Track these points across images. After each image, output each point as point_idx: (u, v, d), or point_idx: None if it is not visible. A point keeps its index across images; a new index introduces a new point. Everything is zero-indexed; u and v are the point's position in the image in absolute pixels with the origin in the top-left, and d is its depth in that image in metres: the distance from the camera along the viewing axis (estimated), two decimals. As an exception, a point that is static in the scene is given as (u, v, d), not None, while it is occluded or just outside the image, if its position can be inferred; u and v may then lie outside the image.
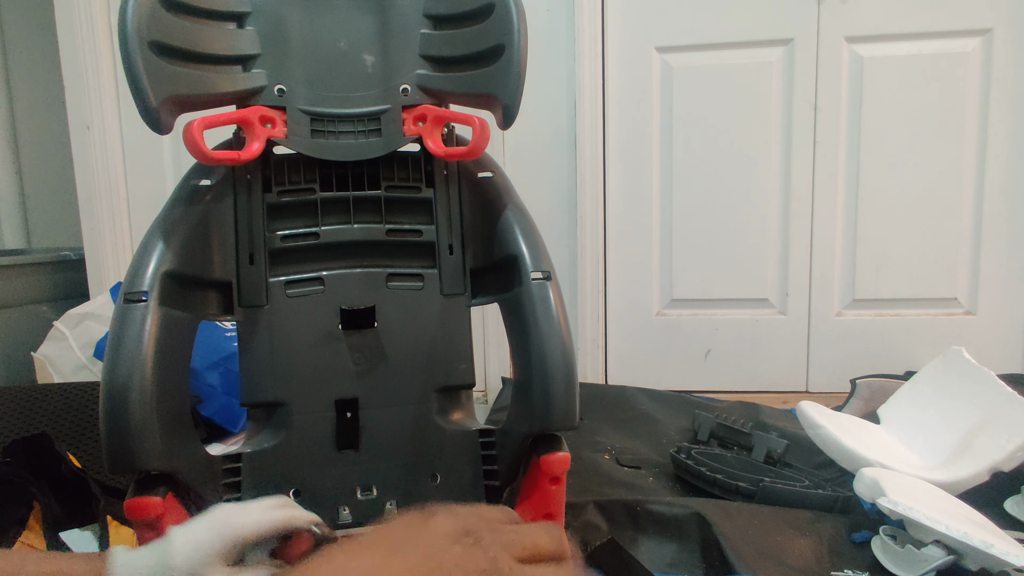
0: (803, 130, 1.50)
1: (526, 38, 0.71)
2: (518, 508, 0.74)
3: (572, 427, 0.70)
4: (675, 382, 1.59)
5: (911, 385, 1.14)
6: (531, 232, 0.75)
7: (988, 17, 1.43)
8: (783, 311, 1.56)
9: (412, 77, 0.76)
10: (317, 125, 0.75)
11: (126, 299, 0.63)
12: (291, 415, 0.75)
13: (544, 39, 1.51)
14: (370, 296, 0.78)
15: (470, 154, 0.74)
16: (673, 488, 1.02)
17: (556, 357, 0.69)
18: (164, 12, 0.66)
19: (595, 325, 1.59)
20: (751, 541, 0.81)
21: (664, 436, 1.23)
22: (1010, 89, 1.43)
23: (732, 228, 1.55)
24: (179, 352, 0.67)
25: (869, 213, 1.50)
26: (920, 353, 1.47)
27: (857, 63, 1.47)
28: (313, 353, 0.76)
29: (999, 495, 0.93)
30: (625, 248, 1.59)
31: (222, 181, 0.74)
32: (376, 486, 0.76)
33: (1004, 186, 1.46)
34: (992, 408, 0.98)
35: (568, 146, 1.54)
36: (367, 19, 0.76)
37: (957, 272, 1.49)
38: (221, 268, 0.74)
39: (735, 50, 1.51)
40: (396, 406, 0.77)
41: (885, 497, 0.78)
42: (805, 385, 1.57)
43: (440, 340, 0.79)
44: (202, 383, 1.15)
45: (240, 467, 0.72)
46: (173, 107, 0.67)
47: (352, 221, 0.78)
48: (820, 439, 0.99)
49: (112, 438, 0.60)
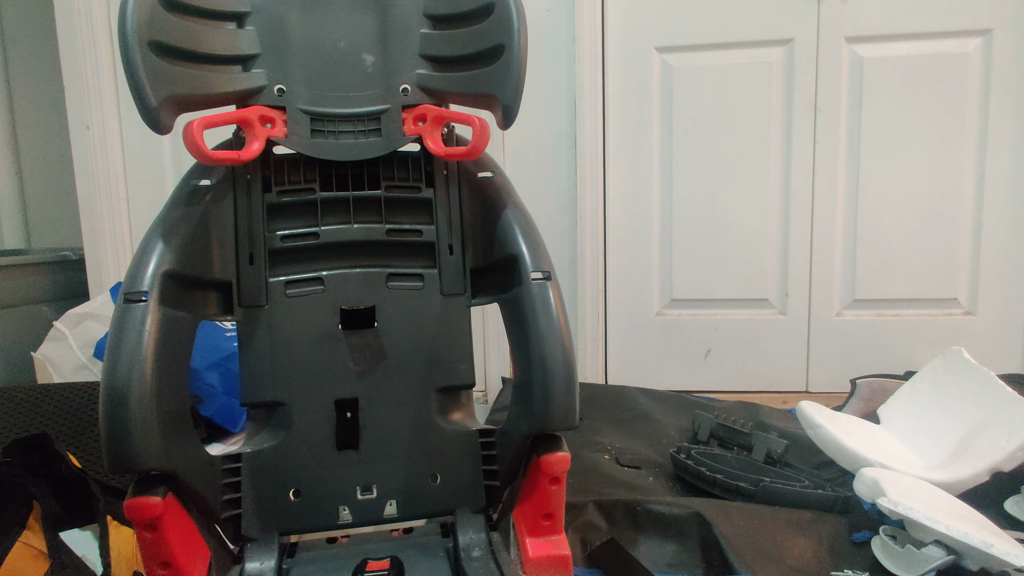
0: (803, 130, 1.50)
1: (526, 38, 0.70)
2: (518, 508, 0.74)
3: (572, 427, 0.70)
4: (675, 382, 1.59)
5: (911, 385, 1.14)
6: (531, 232, 0.75)
7: (988, 17, 1.43)
8: (783, 311, 1.56)
9: (412, 77, 0.76)
10: (317, 125, 0.75)
11: (126, 299, 0.63)
12: (291, 415, 0.75)
13: (544, 39, 1.51)
14: (370, 296, 0.78)
15: (470, 154, 0.74)
16: (673, 488, 1.02)
17: (556, 357, 0.69)
18: (164, 12, 0.66)
19: (595, 325, 1.59)
20: (751, 541, 0.81)
21: (664, 436, 1.23)
22: (1010, 89, 1.43)
23: (732, 228, 1.55)
24: (179, 352, 0.67)
25: (869, 213, 1.50)
26: (920, 353, 1.47)
27: (857, 63, 1.47)
28: (313, 353, 0.76)
29: (999, 495, 0.93)
30: (625, 248, 1.59)
31: (222, 181, 0.74)
32: (376, 486, 0.76)
33: (1004, 186, 1.46)
34: (992, 408, 0.98)
35: (568, 146, 1.54)
36: (367, 19, 0.76)
37: (957, 272, 1.49)
38: (221, 268, 0.74)
39: (735, 50, 1.51)
40: (396, 406, 0.77)
41: (885, 497, 0.78)
42: (805, 385, 1.57)
43: (440, 340, 0.79)
44: (202, 383, 1.15)
45: (240, 467, 0.72)
46: (173, 107, 0.67)
47: (352, 221, 0.78)
48: (820, 439, 0.99)
49: (112, 438, 0.60)
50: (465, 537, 0.72)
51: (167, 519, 0.61)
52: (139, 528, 0.61)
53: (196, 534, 0.66)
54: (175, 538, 0.62)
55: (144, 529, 0.60)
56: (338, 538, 0.78)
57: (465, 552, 0.70)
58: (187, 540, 0.64)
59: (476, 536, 0.72)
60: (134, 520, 0.60)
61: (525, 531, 0.73)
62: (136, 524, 0.61)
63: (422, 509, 0.78)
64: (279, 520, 0.73)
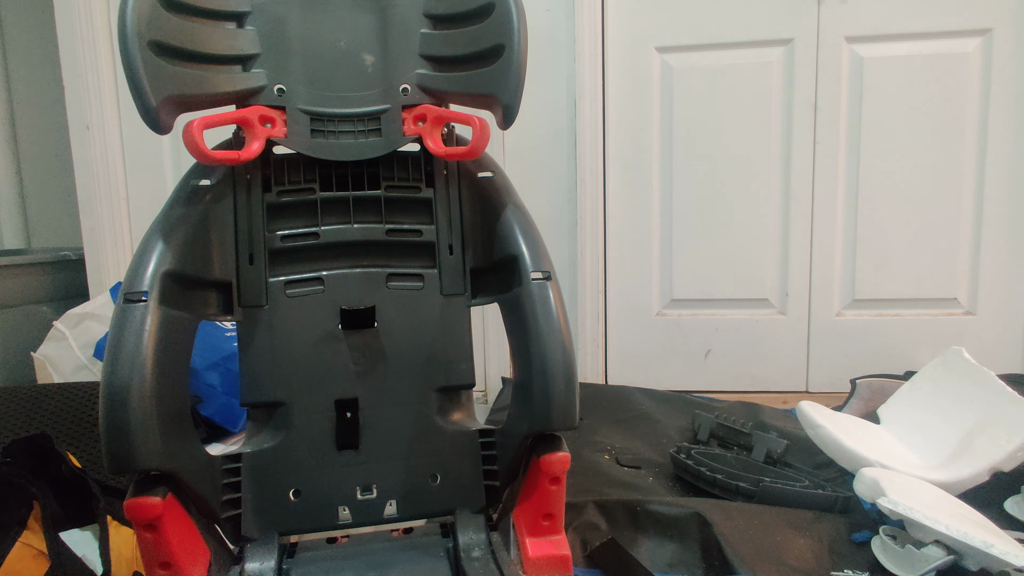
0: (803, 130, 1.50)
1: (526, 38, 0.70)
2: (518, 508, 0.74)
3: (572, 427, 0.70)
4: (675, 382, 1.59)
5: (911, 385, 1.14)
6: (531, 232, 0.75)
7: (988, 17, 1.43)
8: (783, 311, 1.56)
9: (412, 77, 0.76)
10: (317, 125, 0.75)
11: (126, 299, 0.63)
12: (291, 415, 0.75)
13: (544, 39, 1.51)
14: (370, 296, 0.78)
15: (470, 154, 0.74)
16: (673, 488, 1.02)
17: (556, 357, 0.69)
18: (164, 12, 0.66)
19: (595, 325, 1.59)
20: (751, 541, 0.81)
21: (664, 436, 1.23)
22: (1010, 89, 1.43)
23: (732, 228, 1.55)
24: (179, 352, 0.67)
25: (869, 213, 1.50)
26: (920, 353, 1.47)
27: (857, 63, 1.47)
28: (313, 353, 0.76)
29: (999, 495, 0.93)
30: (625, 248, 1.59)
31: (222, 181, 0.74)
32: (376, 486, 0.76)
33: (1004, 186, 1.46)
34: (992, 408, 0.98)
35: (568, 146, 1.54)
36: (367, 19, 0.76)
37: (957, 272, 1.49)
38: (221, 268, 0.74)
39: (735, 50, 1.51)
40: (396, 406, 0.77)
41: (885, 497, 0.78)
42: (805, 385, 1.57)
43: (440, 340, 0.79)
44: (202, 383, 1.15)
45: (240, 467, 0.72)
46: (173, 107, 0.67)
47: (352, 221, 0.78)
48: (820, 439, 0.99)
49: (112, 438, 0.60)
50: (465, 537, 0.72)
51: (167, 519, 0.61)
52: (139, 528, 0.61)
53: (196, 534, 0.66)
54: (175, 538, 0.62)
55: (144, 529, 0.60)
56: (338, 538, 0.78)
57: (465, 552, 0.70)
58: (187, 540, 0.64)
59: (476, 536, 0.72)
60: (134, 520, 0.60)
61: (525, 531, 0.73)
62: (136, 524, 0.61)
63: (422, 509, 0.78)
64: (279, 520, 0.73)
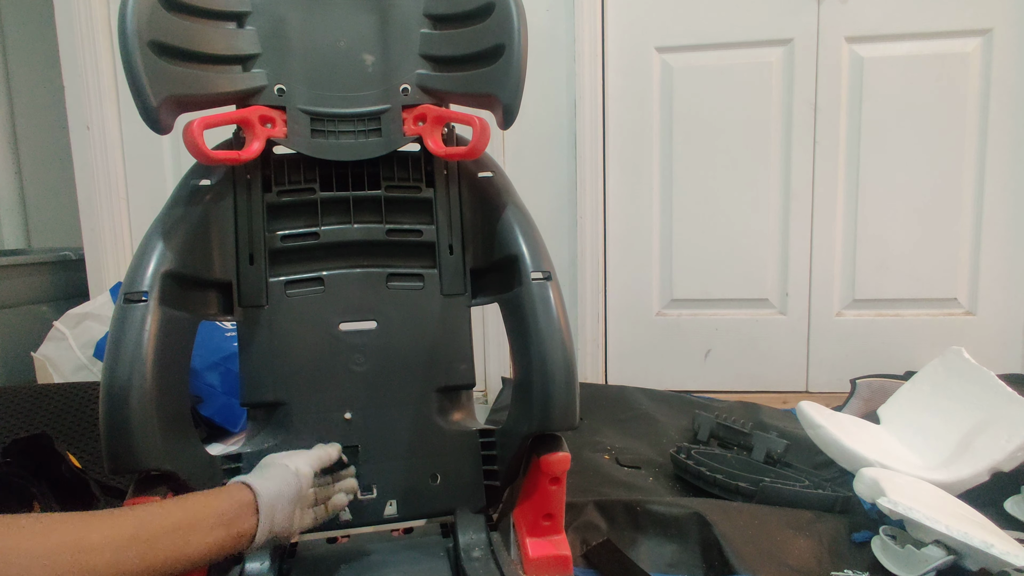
0: (803, 130, 1.50)
1: (526, 38, 0.70)
2: (518, 508, 0.74)
3: (572, 427, 0.70)
4: (675, 382, 1.59)
5: (911, 385, 1.14)
6: (531, 232, 0.75)
7: (988, 17, 1.42)
8: (783, 311, 1.56)
9: (412, 77, 0.76)
10: (317, 125, 0.75)
11: (126, 299, 0.63)
12: (291, 415, 0.75)
13: (544, 39, 1.51)
14: (370, 296, 0.78)
15: (470, 154, 0.74)
16: (673, 488, 1.02)
17: (556, 357, 0.69)
18: (164, 12, 0.66)
19: (595, 325, 1.59)
20: (751, 541, 0.81)
21: (664, 436, 1.23)
22: (1010, 89, 1.43)
23: (732, 228, 1.55)
24: (179, 352, 0.67)
25: (869, 213, 1.50)
26: (920, 353, 1.47)
27: (857, 63, 1.47)
28: (313, 353, 0.76)
29: (999, 495, 0.93)
30: (625, 248, 1.59)
31: (222, 181, 0.74)
32: (376, 486, 0.76)
33: (1004, 186, 1.46)
34: (992, 408, 0.98)
35: (568, 146, 1.54)
36: (367, 19, 0.76)
37: (957, 272, 1.49)
38: (221, 268, 0.74)
39: (735, 50, 1.51)
40: (396, 406, 0.77)
41: (885, 497, 0.78)
42: (805, 385, 1.57)
43: (440, 340, 0.79)
44: (202, 383, 1.15)
45: (240, 467, 0.72)
46: (173, 107, 0.67)
47: (352, 221, 0.78)
48: (820, 439, 0.99)
49: (112, 438, 0.60)
50: (465, 537, 0.72)
51: (167, 519, 0.61)
52: (139, 528, 0.61)
53: (196, 534, 0.66)
54: (175, 538, 0.62)
55: (144, 529, 0.60)
56: (338, 538, 0.78)
57: (465, 552, 0.70)
58: (187, 540, 0.64)
59: (476, 536, 0.72)
60: (134, 520, 0.60)
61: (525, 531, 0.73)
62: (136, 524, 0.60)
63: (422, 509, 0.78)
64: (279, 520, 0.73)
